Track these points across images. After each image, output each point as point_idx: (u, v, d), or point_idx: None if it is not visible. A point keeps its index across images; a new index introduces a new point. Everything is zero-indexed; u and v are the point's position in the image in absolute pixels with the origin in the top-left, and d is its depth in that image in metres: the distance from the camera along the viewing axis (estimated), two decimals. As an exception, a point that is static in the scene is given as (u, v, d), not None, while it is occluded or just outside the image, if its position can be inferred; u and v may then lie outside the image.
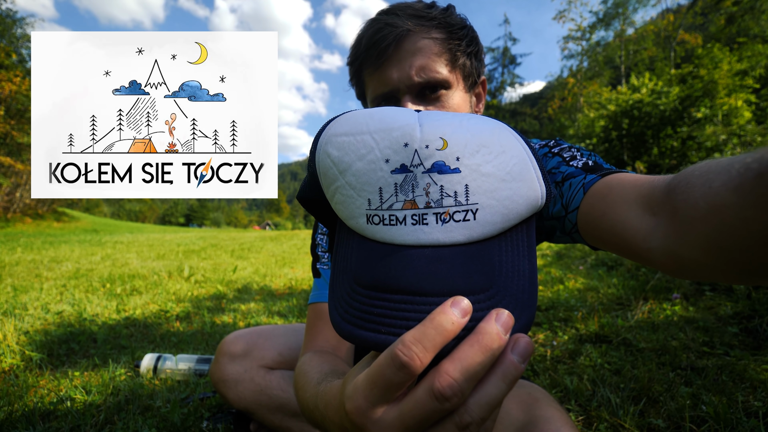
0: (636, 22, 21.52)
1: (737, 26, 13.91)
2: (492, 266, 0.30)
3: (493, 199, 0.31)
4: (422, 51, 0.59)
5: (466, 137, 0.31)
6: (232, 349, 0.85)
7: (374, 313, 0.29)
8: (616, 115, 11.29)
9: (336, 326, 0.31)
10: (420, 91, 0.61)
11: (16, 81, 12.82)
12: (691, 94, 9.85)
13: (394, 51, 0.59)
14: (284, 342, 0.88)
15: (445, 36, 0.61)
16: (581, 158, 0.55)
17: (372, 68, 0.62)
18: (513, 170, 0.31)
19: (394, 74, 0.60)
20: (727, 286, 1.97)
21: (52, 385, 1.23)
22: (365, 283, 0.31)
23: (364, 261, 0.33)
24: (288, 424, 0.80)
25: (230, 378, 0.82)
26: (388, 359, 0.25)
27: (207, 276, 3.62)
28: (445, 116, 0.33)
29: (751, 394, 1.09)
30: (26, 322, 1.89)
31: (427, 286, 0.29)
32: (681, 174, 0.32)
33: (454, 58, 0.62)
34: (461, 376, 0.24)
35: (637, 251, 0.39)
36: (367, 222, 0.33)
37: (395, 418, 0.25)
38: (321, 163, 0.35)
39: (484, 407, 0.25)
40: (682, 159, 9.57)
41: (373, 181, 0.31)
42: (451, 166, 0.30)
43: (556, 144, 0.61)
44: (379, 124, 0.32)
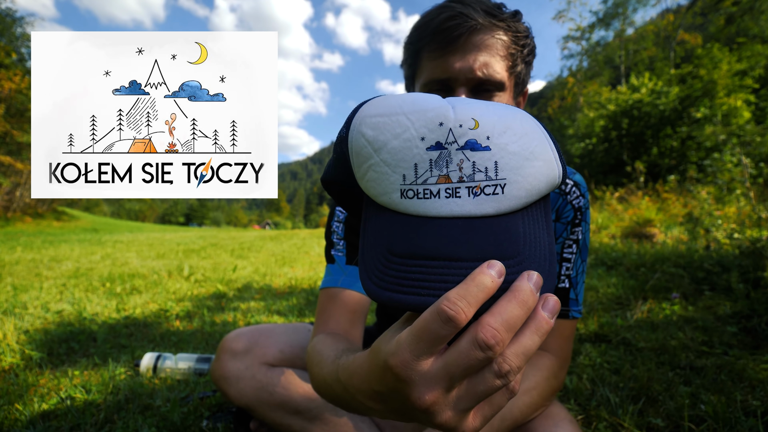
0: (636, 22, 21.51)
1: (737, 26, 13.90)
2: (518, 236, 0.33)
3: (519, 176, 0.34)
4: (488, 48, 0.60)
5: (494, 119, 0.34)
6: (234, 346, 0.85)
7: (413, 278, 0.32)
8: (615, 114, 11.30)
9: (372, 294, 0.33)
10: (476, 86, 0.62)
11: (15, 80, 12.79)
12: (691, 94, 9.86)
13: (464, 42, 0.60)
14: (286, 340, 0.88)
15: (510, 40, 0.62)
16: (568, 268, 0.67)
17: (436, 53, 0.62)
18: (535, 150, 0.35)
19: (457, 64, 0.60)
20: (727, 286, 1.98)
21: (52, 384, 1.23)
22: (401, 253, 0.34)
23: (398, 233, 0.35)
24: (289, 422, 0.80)
25: (231, 375, 0.82)
26: (434, 314, 0.27)
27: (207, 275, 3.62)
28: (472, 101, 0.36)
29: (749, 394, 1.09)
30: (26, 321, 1.89)
31: (463, 252, 0.32)
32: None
33: (514, 63, 0.64)
34: (502, 327, 0.27)
35: None
36: (401, 197, 0.35)
37: (440, 368, 0.28)
38: (355, 142, 0.37)
39: (521, 356, 0.28)
40: (682, 159, 9.58)
41: (409, 157, 0.34)
42: (482, 144, 0.33)
43: (581, 217, 0.69)
44: (412, 106, 0.35)
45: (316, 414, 0.79)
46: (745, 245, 2.26)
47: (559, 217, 0.71)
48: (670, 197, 4.96)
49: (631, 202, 5.33)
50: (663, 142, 10.16)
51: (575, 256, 0.70)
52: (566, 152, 15.55)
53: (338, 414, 0.79)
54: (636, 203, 5.13)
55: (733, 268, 2.07)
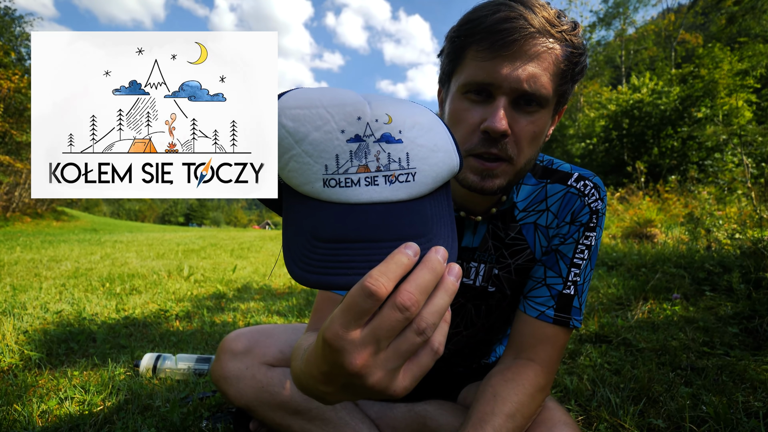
0: (636, 22, 21.50)
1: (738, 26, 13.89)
2: (427, 217, 0.39)
3: (426, 165, 0.39)
4: (540, 60, 0.56)
5: (404, 115, 0.38)
6: (234, 346, 0.85)
7: (339, 260, 0.36)
8: (616, 114, 11.29)
9: (299, 278, 0.36)
10: (519, 97, 0.58)
11: (14, 79, 12.76)
12: (692, 93, 9.85)
13: (518, 48, 0.55)
14: (285, 339, 0.88)
15: (565, 55, 0.58)
16: (575, 274, 0.69)
17: (484, 53, 0.56)
18: (438, 143, 0.40)
19: (504, 70, 0.55)
20: (728, 286, 1.97)
21: (51, 385, 1.22)
22: (327, 238, 0.37)
23: (323, 220, 0.38)
24: (288, 422, 0.80)
25: (231, 375, 0.82)
26: (359, 290, 0.31)
27: (206, 275, 3.62)
28: (385, 97, 0.40)
29: (751, 395, 1.09)
30: (25, 322, 1.89)
31: (383, 234, 0.37)
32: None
33: (563, 81, 0.60)
34: (416, 291, 0.31)
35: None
36: (323, 186, 0.38)
37: (367, 334, 0.32)
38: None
39: (435, 314, 0.33)
40: (683, 159, 9.57)
41: (330, 148, 0.37)
42: (395, 138, 0.37)
43: (595, 222, 0.69)
44: (331, 100, 0.38)
45: (316, 414, 0.79)
46: (746, 245, 2.26)
47: (574, 219, 0.69)
48: (671, 197, 4.95)
49: (632, 203, 5.33)
50: (664, 142, 10.15)
51: (585, 262, 0.69)
52: (567, 152, 15.54)
53: (338, 414, 0.79)
54: (637, 203, 5.12)
55: (734, 269, 2.07)
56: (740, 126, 5.27)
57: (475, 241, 0.75)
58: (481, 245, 0.75)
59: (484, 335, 0.86)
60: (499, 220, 0.73)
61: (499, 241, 0.74)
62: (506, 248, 0.74)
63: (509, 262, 0.74)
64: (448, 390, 0.89)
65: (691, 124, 9.48)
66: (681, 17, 20.36)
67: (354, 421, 0.79)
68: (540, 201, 0.72)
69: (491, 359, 0.97)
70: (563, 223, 0.70)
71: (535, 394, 0.64)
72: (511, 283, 0.75)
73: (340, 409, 0.80)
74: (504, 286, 0.76)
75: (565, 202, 0.70)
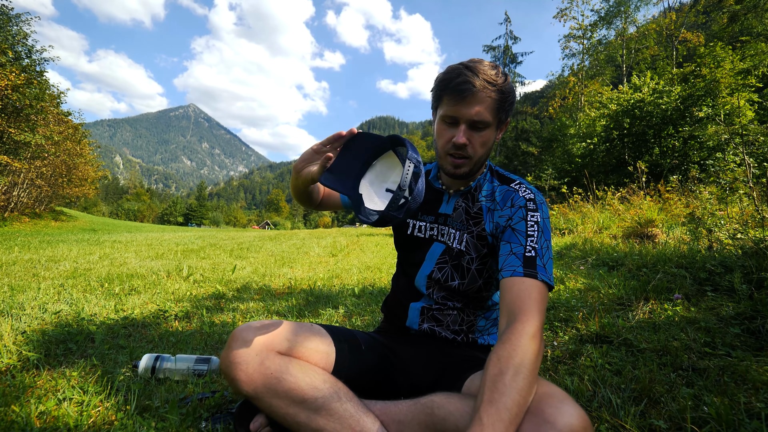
0: (638, 21, 21.45)
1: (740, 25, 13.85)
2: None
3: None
4: (482, 103, 0.92)
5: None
6: (245, 335, 0.89)
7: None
8: (617, 114, 11.25)
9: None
10: (472, 123, 0.93)
11: (11, 78, 12.65)
12: (693, 93, 9.81)
13: (469, 98, 0.91)
14: (293, 329, 0.94)
15: (499, 99, 0.93)
16: (532, 241, 0.90)
17: (451, 101, 0.93)
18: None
19: (462, 110, 0.92)
20: (729, 287, 1.96)
21: (50, 386, 1.22)
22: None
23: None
24: (294, 411, 0.84)
25: (242, 360, 0.85)
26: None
27: (206, 275, 3.61)
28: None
29: (753, 396, 1.08)
30: (23, 322, 1.88)
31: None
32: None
33: (499, 111, 0.95)
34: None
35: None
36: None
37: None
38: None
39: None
40: (684, 159, 9.54)
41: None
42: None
43: (534, 206, 0.96)
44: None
45: (321, 404, 0.83)
46: (748, 246, 2.25)
47: (513, 204, 0.98)
48: (672, 197, 4.93)
49: (633, 203, 5.31)
50: (665, 142, 10.11)
51: (538, 233, 0.92)
52: (567, 152, 15.49)
53: (343, 406, 0.83)
54: (638, 203, 5.10)
55: (736, 269, 2.06)
56: (742, 125, 5.24)
57: (449, 209, 1.08)
58: (453, 212, 1.07)
59: (468, 293, 1.06)
60: (468, 198, 1.06)
61: (467, 213, 1.05)
62: (471, 218, 1.05)
63: (473, 229, 1.04)
64: (451, 381, 0.94)
65: (692, 124, 9.45)
66: (682, 16, 20.31)
67: (359, 414, 0.83)
68: (492, 193, 1.05)
69: (477, 336, 1.08)
70: (505, 207, 0.99)
71: (528, 343, 0.73)
72: (474, 246, 1.03)
73: (346, 402, 0.84)
74: (470, 247, 1.03)
75: (506, 195, 1.01)
